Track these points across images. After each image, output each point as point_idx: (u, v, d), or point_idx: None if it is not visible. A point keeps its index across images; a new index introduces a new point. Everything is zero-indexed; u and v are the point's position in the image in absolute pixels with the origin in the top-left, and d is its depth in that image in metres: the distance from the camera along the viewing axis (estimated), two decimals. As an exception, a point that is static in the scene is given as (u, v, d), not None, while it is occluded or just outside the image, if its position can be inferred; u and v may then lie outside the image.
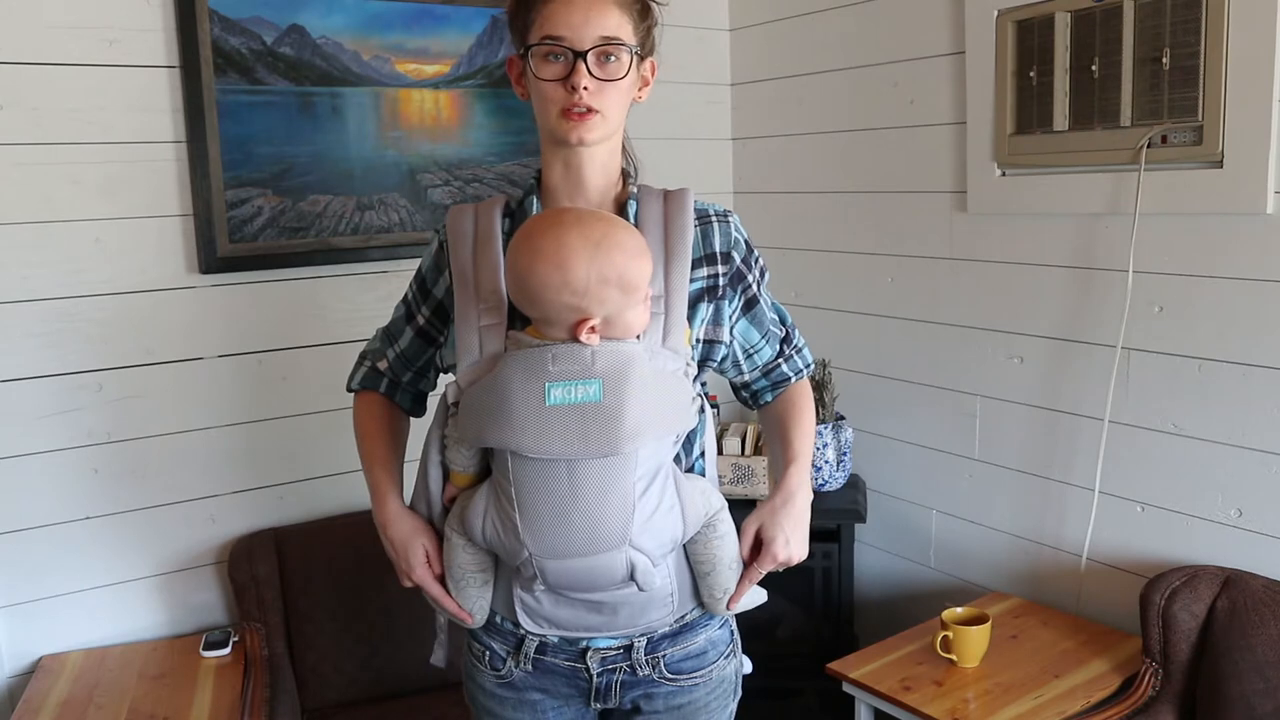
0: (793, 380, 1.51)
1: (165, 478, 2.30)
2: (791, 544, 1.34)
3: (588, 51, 1.26)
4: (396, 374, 1.48)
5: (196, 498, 2.34)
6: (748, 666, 1.50)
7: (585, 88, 1.26)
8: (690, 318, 1.33)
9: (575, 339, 1.21)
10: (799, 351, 1.52)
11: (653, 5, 1.34)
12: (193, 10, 2.19)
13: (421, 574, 1.37)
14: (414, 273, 1.46)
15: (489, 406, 1.22)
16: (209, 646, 2.21)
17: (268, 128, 2.32)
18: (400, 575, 1.40)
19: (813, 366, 1.55)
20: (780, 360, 1.49)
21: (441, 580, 1.38)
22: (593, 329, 1.21)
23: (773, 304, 1.48)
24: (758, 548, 1.35)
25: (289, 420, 2.43)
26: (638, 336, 1.25)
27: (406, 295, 1.47)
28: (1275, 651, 1.84)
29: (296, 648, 2.30)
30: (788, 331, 1.50)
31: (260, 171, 2.32)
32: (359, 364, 1.52)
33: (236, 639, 2.24)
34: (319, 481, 2.47)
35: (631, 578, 1.25)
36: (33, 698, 2.03)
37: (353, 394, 1.53)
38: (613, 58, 1.28)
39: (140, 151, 2.20)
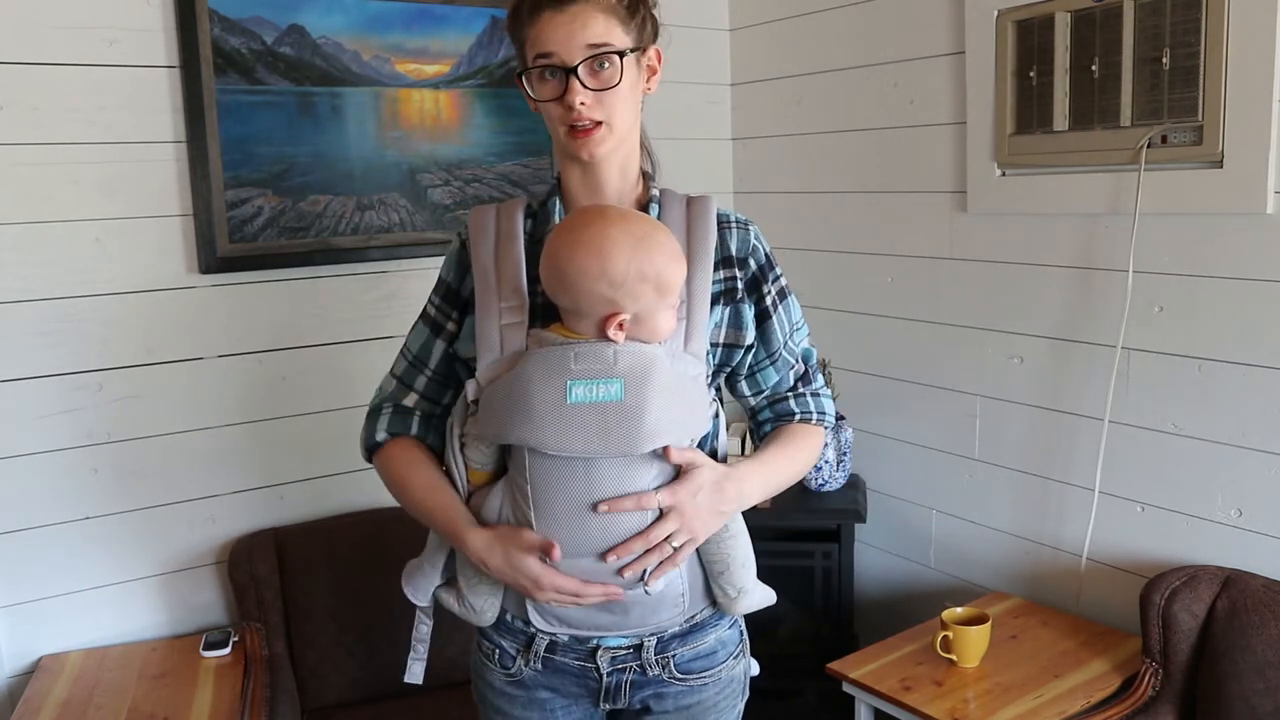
0: (797, 417, 1.43)
1: (165, 478, 2.30)
2: (698, 519, 1.25)
3: (577, 65, 1.25)
4: (432, 402, 1.41)
5: (196, 498, 2.34)
6: (755, 669, 1.50)
7: (582, 103, 1.26)
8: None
9: (603, 334, 1.22)
10: (815, 396, 1.44)
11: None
12: (193, 10, 2.19)
13: (549, 580, 1.25)
14: (432, 291, 1.42)
15: (510, 404, 1.22)
16: (209, 646, 2.21)
17: (268, 128, 2.32)
18: (528, 595, 1.29)
19: (827, 418, 1.45)
20: (789, 395, 1.43)
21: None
22: (621, 325, 1.21)
23: (795, 335, 1.42)
24: None
25: (289, 420, 2.43)
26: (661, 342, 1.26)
27: (428, 313, 1.42)
28: (1275, 651, 1.84)
29: (296, 648, 2.30)
30: (806, 371, 1.44)
31: (260, 171, 2.32)
32: (374, 417, 1.42)
33: (236, 639, 2.24)
34: (319, 481, 2.47)
35: (643, 579, 1.25)
36: (33, 698, 2.03)
37: (374, 450, 1.41)
38: (605, 65, 1.27)
39: (140, 151, 2.20)
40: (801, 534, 2.57)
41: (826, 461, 2.58)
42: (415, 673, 1.46)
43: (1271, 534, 1.99)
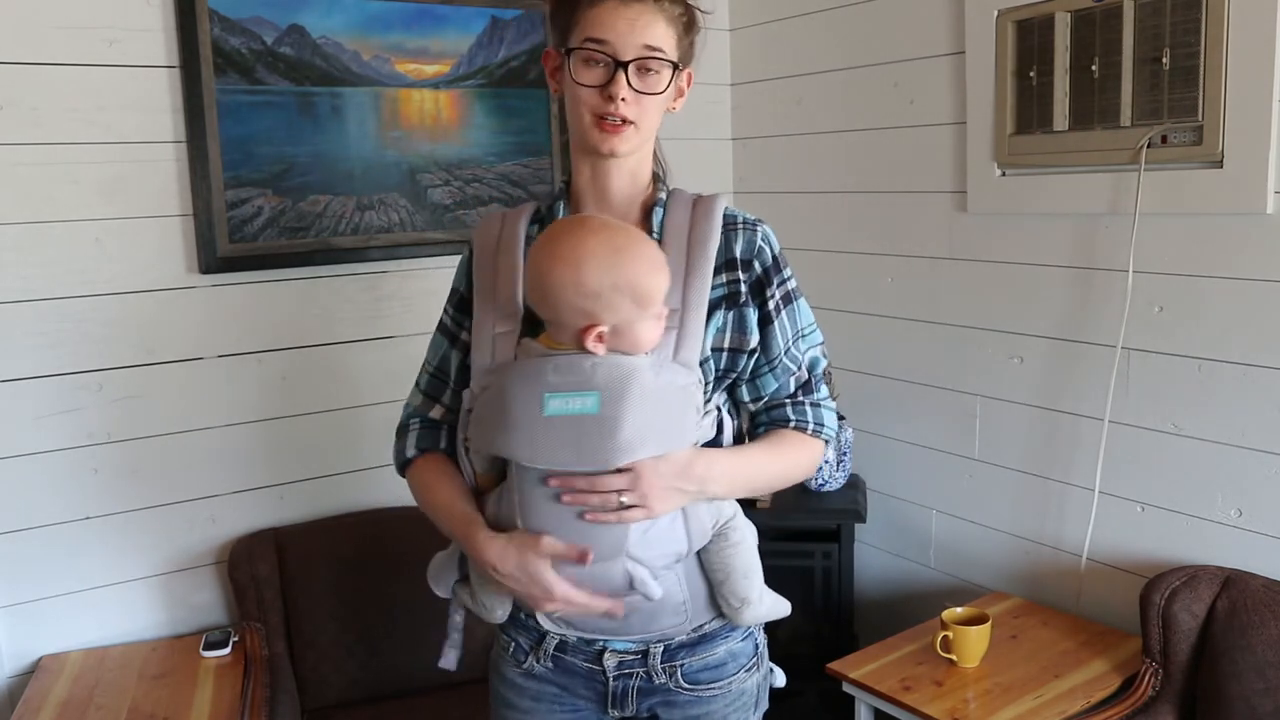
0: (791, 424, 1.36)
1: (165, 478, 2.30)
2: (653, 488, 1.20)
3: (629, 62, 1.25)
4: (457, 413, 1.37)
5: (196, 498, 2.34)
6: (780, 679, 1.48)
7: (623, 99, 1.25)
8: (705, 328, 1.29)
9: (583, 346, 1.21)
10: (815, 407, 1.37)
11: (695, 20, 1.33)
12: (193, 10, 2.19)
13: (562, 590, 1.23)
14: (446, 300, 1.42)
15: (493, 415, 1.23)
16: (209, 646, 2.21)
17: (268, 128, 2.32)
18: (537, 604, 1.27)
19: (825, 430, 1.38)
20: (786, 402, 1.37)
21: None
22: (600, 337, 1.20)
23: (800, 342, 1.37)
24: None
25: (289, 420, 2.43)
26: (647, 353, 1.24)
27: (444, 323, 1.42)
28: (1275, 651, 1.84)
29: (296, 648, 2.30)
30: (810, 380, 1.38)
31: (260, 171, 2.32)
32: (403, 434, 1.42)
33: (236, 639, 2.24)
34: (319, 481, 2.47)
35: (632, 587, 1.24)
36: (33, 698, 2.03)
37: (406, 467, 1.41)
38: (653, 70, 1.27)
39: (140, 151, 2.20)
40: (801, 534, 2.57)
41: (826, 461, 2.58)
42: (449, 659, 1.45)
43: (1271, 534, 1.99)
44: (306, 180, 2.37)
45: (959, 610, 2.14)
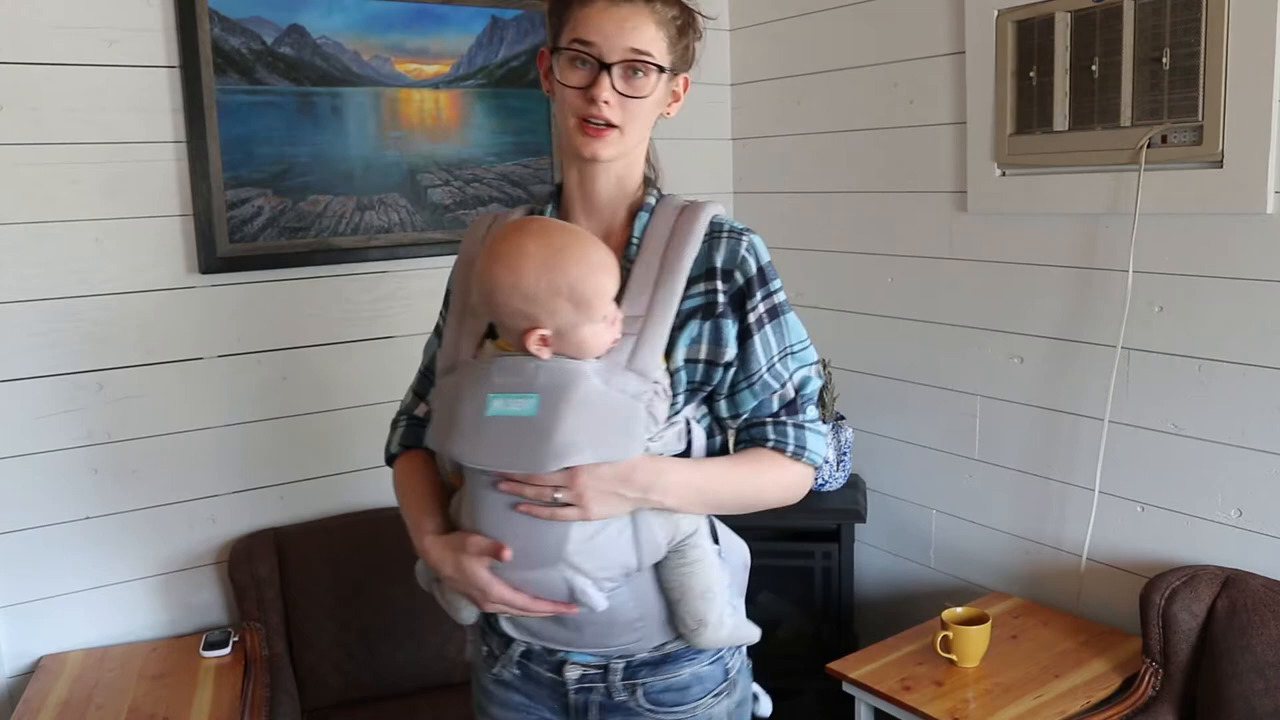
0: (769, 444, 1.30)
1: (165, 478, 2.30)
2: (590, 490, 1.17)
3: (614, 64, 1.23)
4: None
5: (196, 498, 2.34)
6: (765, 708, 1.44)
7: (606, 101, 1.23)
8: (676, 337, 1.26)
9: (525, 348, 1.20)
10: (799, 428, 1.31)
11: (693, 24, 1.30)
12: (193, 10, 2.19)
13: (499, 592, 1.22)
14: (442, 302, 1.43)
15: (444, 414, 1.23)
16: (209, 646, 2.21)
17: (268, 128, 2.32)
18: (479, 605, 1.26)
19: (808, 454, 1.31)
20: (768, 420, 1.30)
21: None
22: (544, 340, 1.19)
23: (786, 360, 1.31)
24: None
25: (289, 420, 2.43)
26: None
27: (437, 324, 1.44)
28: (1275, 651, 1.84)
29: (296, 648, 2.30)
30: (795, 400, 1.31)
31: (260, 171, 2.32)
32: (392, 430, 1.45)
33: (236, 639, 2.24)
34: (319, 481, 2.47)
35: (573, 597, 1.21)
36: (33, 698, 2.03)
37: (391, 462, 1.44)
38: (640, 74, 1.24)
39: (140, 151, 2.20)
40: (801, 534, 2.57)
41: (826, 461, 2.58)
42: (470, 650, 1.48)
43: (1271, 534, 1.99)
44: (306, 180, 2.37)
45: (959, 610, 2.14)
